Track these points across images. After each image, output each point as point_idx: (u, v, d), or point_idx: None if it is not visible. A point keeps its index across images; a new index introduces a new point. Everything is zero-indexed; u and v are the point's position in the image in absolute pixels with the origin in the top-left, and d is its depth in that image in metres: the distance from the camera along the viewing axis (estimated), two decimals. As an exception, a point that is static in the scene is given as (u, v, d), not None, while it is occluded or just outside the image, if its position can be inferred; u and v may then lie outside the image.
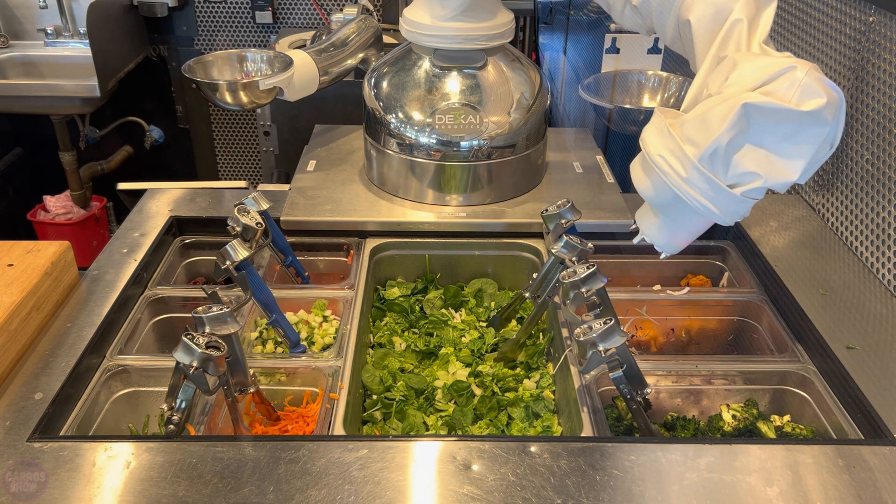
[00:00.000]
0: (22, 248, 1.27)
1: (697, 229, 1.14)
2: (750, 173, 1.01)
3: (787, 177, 1.01)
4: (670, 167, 1.04)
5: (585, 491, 0.91)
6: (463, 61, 1.57)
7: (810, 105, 0.96)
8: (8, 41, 3.35)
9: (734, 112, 0.97)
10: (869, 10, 1.42)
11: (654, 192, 1.10)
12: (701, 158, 1.00)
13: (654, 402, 1.25)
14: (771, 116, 0.97)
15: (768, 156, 1.00)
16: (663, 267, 1.61)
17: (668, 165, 1.04)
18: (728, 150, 1.00)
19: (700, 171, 1.01)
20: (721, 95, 1.02)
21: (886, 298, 1.32)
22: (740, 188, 1.02)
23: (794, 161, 1.00)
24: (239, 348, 1.06)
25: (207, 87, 1.60)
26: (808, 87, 0.96)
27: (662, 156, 1.05)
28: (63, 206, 3.45)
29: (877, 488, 0.93)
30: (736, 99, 0.98)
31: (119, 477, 0.93)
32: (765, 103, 0.97)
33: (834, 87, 0.98)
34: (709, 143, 0.99)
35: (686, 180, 1.03)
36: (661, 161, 1.05)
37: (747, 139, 1.00)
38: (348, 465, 0.95)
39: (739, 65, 1.03)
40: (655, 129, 1.08)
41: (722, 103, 0.99)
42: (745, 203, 1.04)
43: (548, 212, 1.32)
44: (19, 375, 1.12)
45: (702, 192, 1.02)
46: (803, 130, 0.98)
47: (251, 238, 1.26)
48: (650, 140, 1.08)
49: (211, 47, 3.58)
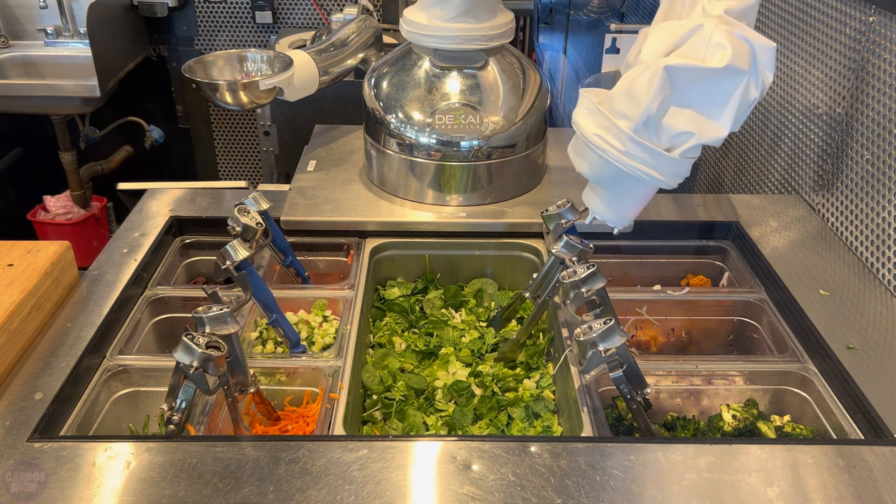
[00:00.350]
0: (22, 248, 1.27)
1: (644, 198, 1.17)
2: (683, 133, 1.03)
3: (717, 132, 1.04)
4: (608, 143, 1.06)
5: (585, 491, 0.91)
6: (463, 61, 1.57)
7: (719, 60, 0.98)
8: (8, 41, 3.35)
9: (657, 78, 0.99)
10: (869, 10, 1.42)
11: (596, 171, 1.12)
12: (635, 129, 1.03)
13: (654, 402, 1.25)
14: (690, 76, 1.00)
15: (696, 114, 1.03)
16: (663, 267, 1.61)
17: (605, 142, 1.06)
18: (658, 115, 1.02)
19: (636, 142, 1.04)
20: (641, 65, 1.04)
21: (886, 298, 1.32)
22: (677, 149, 1.05)
23: (720, 115, 1.03)
24: (239, 348, 1.06)
25: (207, 87, 1.60)
26: (715, 43, 0.99)
27: (598, 134, 1.07)
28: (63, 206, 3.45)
29: (877, 488, 0.93)
30: (656, 65, 1.00)
31: (119, 477, 0.93)
32: (683, 64, 0.99)
33: (743, 37, 1.01)
34: (640, 114, 1.02)
35: (625, 153, 1.05)
36: (598, 139, 1.07)
37: (673, 101, 1.03)
38: (348, 465, 0.95)
39: (650, 34, 1.06)
40: (585, 111, 1.10)
41: (644, 72, 1.01)
42: (684, 163, 1.07)
43: (548, 212, 1.32)
44: (19, 375, 1.12)
45: (642, 161, 1.05)
46: (720, 84, 1.01)
47: (251, 238, 1.26)
48: (583, 122, 1.09)
49: (211, 47, 3.58)
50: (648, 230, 1.58)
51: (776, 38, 1.80)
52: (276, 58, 1.71)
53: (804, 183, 1.68)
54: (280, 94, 1.65)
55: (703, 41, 1.00)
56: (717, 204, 1.66)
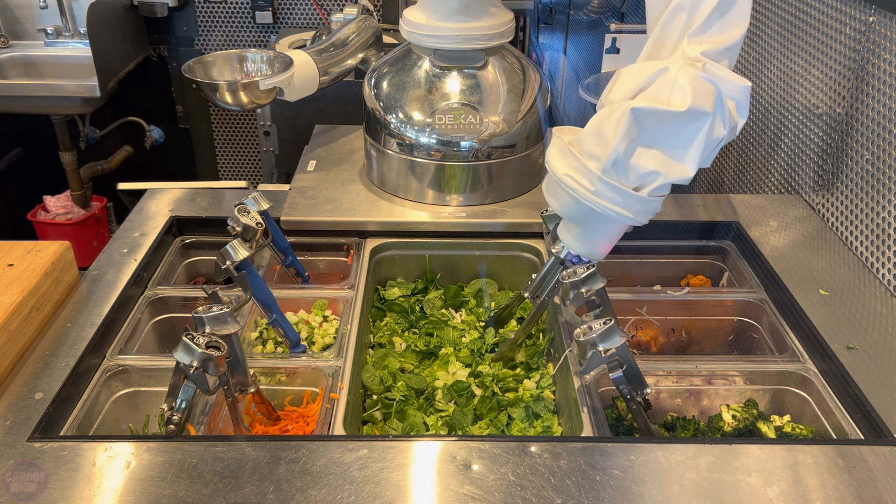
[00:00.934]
0: (22, 248, 1.27)
1: (615, 234, 1.19)
2: (651, 173, 1.05)
3: (683, 173, 1.06)
4: (578, 184, 1.08)
5: (585, 491, 0.91)
6: (463, 61, 1.57)
7: (681, 103, 1.00)
8: (8, 41, 3.35)
9: (624, 120, 1.02)
10: (869, 10, 1.42)
11: (567, 209, 1.15)
12: (604, 170, 1.05)
13: (654, 402, 1.25)
14: (656, 118, 1.02)
15: (662, 155, 1.05)
16: (663, 267, 1.61)
17: (576, 182, 1.09)
18: (626, 156, 1.04)
19: (606, 182, 1.06)
20: (610, 106, 1.06)
21: (886, 298, 1.32)
22: (646, 188, 1.07)
23: (686, 157, 1.05)
24: (239, 348, 1.06)
25: (207, 88, 1.60)
26: (679, 86, 1.01)
27: (569, 174, 1.09)
28: (63, 206, 3.45)
29: (877, 488, 0.93)
30: (623, 107, 1.02)
31: (119, 477, 0.93)
32: (648, 107, 1.01)
33: (710, 78, 1.02)
34: (608, 155, 1.04)
35: (595, 192, 1.07)
36: (569, 179, 1.09)
37: (641, 142, 1.05)
38: (348, 465, 0.95)
39: (621, 74, 1.08)
40: (557, 151, 1.13)
41: (612, 114, 1.03)
42: (653, 202, 1.09)
43: (548, 212, 1.32)
44: (19, 375, 1.12)
45: (612, 201, 1.07)
46: (684, 127, 1.03)
47: (251, 238, 1.26)
48: (555, 162, 1.12)
49: (211, 47, 3.58)
50: (648, 230, 1.57)
51: (776, 38, 1.80)
52: (276, 58, 1.71)
53: (804, 183, 1.68)
54: (280, 94, 1.65)
55: (668, 84, 1.02)
56: (717, 204, 1.66)
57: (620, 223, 1.15)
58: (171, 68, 3.63)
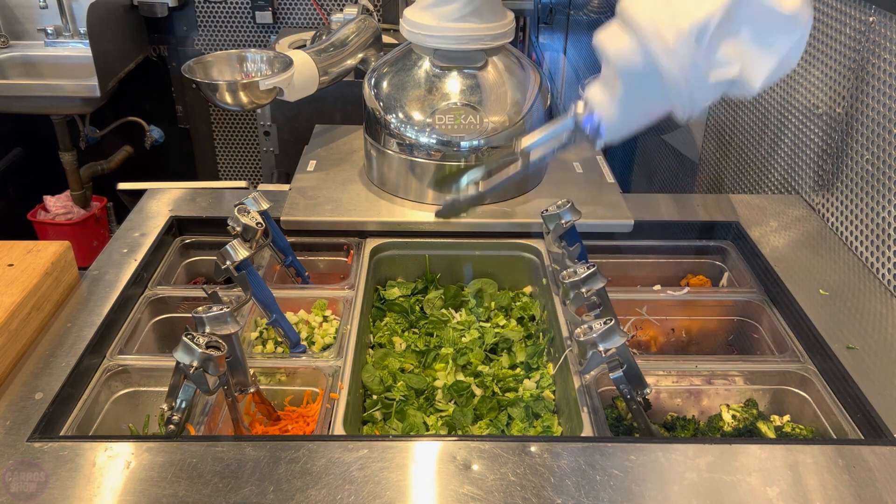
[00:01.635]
0: (22, 248, 1.27)
1: (650, 115, 1.13)
2: (726, 62, 1.02)
3: (754, 76, 1.03)
4: (658, 34, 1.01)
5: (585, 491, 0.92)
6: (463, 61, 1.57)
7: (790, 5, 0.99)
8: (8, 41, 3.35)
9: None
10: (869, 10, 1.42)
11: (623, 59, 1.07)
12: (690, 32, 0.99)
13: (654, 402, 1.25)
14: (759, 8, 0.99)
15: (746, 49, 1.02)
16: (663, 267, 1.61)
17: (656, 32, 1.01)
18: (716, 32, 1.00)
19: (686, 45, 1.00)
20: None
21: (886, 298, 1.32)
22: (714, 74, 1.02)
23: (764, 59, 1.02)
24: (239, 348, 1.06)
25: (207, 88, 1.60)
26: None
27: (654, 21, 1.02)
28: (63, 206, 3.46)
29: (877, 488, 0.93)
30: None
31: (119, 477, 0.93)
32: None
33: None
34: (703, 17, 0.98)
35: (670, 51, 1.01)
36: (650, 25, 1.02)
37: (732, 28, 1.01)
38: (348, 465, 0.95)
39: None
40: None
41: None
42: (712, 91, 1.05)
43: (548, 212, 1.32)
44: (19, 375, 1.12)
45: (680, 68, 1.01)
46: (777, 30, 1.01)
47: (251, 238, 1.26)
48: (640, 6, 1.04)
49: (211, 47, 3.58)
50: (648, 230, 1.59)
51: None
52: (275, 58, 1.71)
53: (804, 183, 1.68)
54: (280, 94, 1.65)
55: None
56: (717, 204, 1.66)
57: (664, 103, 1.08)
58: (171, 68, 3.64)
